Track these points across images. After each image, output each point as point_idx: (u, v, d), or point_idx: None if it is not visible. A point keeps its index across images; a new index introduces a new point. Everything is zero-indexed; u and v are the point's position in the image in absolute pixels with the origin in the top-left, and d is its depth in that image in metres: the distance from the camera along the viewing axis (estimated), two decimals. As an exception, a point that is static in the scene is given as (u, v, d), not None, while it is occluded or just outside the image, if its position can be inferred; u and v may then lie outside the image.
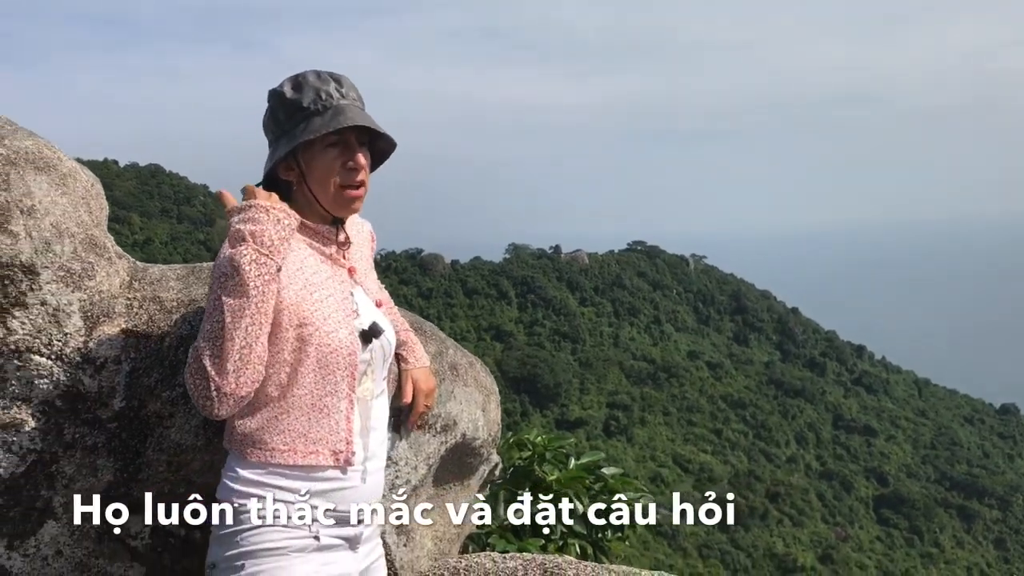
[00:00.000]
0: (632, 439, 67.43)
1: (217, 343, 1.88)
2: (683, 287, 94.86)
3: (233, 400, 1.91)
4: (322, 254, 2.14)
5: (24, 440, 2.24)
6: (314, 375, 2.02)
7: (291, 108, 2.07)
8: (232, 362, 1.88)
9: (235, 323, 1.88)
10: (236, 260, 1.90)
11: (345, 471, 2.05)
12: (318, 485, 2.02)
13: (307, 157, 2.08)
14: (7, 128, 2.34)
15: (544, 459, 3.53)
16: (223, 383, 1.88)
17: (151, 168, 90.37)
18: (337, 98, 2.07)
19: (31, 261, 2.18)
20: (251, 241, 1.91)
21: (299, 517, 1.99)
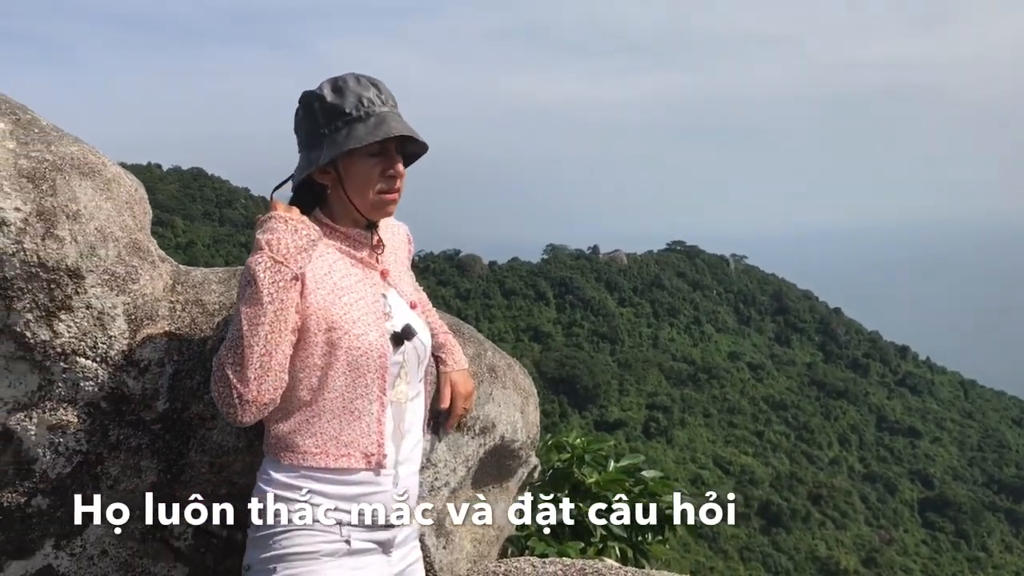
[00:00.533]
0: (672, 441, 67.06)
1: (237, 351, 1.90)
2: (723, 287, 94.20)
3: (256, 407, 1.93)
4: (353, 258, 2.14)
5: (70, 441, 2.28)
6: (345, 378, 2.02)
7: (331, 112, 2.06)
8: (253, 370, 1.90)
9: (253, 331, 1.90)
10: (252, 269, 1.92)
11: (377, 474, 2.05)
12: (350, 489, 2.02)
13: (346, 163, 2.08)
14: (53, 134, 2.37)
15: (583, 461, 3.52)
16: (245, 391, 1.90)
17: (193, 171, 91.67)
18: (379, 105, 2.07)
19: (76, 265, 2.22)
20: (267, 249, 1.93)
21: (330, 520, 2.00)
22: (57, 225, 2.20)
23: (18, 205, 2.15)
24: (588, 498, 3.35)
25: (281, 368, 1.94)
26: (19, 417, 2.25)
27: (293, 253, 1.95)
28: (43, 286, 2.18)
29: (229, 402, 1.92)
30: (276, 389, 1.94)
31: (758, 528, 59.05)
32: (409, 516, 2.16)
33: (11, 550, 2.28)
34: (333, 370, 2.01)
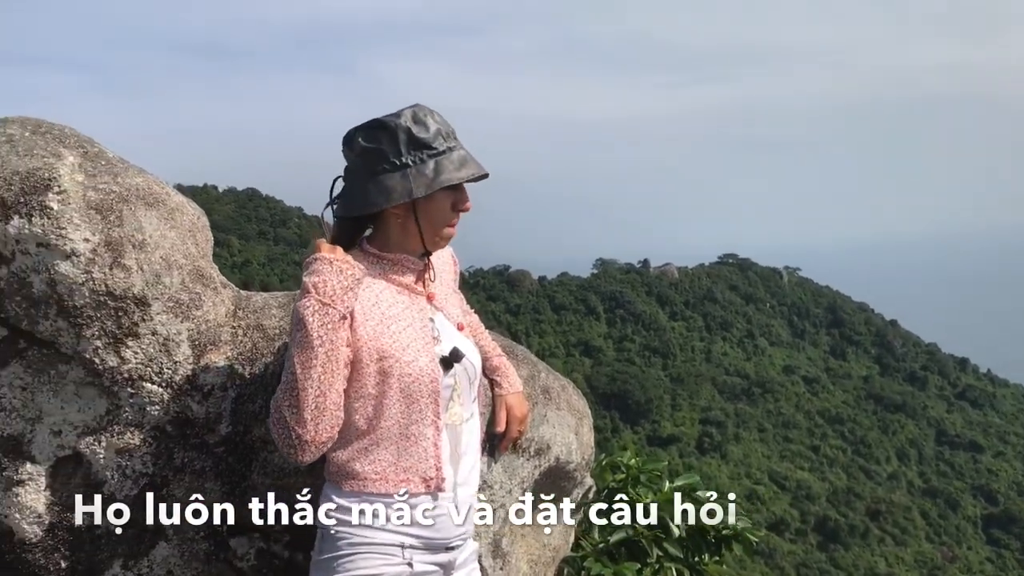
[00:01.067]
0: (726, 456, 66.21)
1: (292, 394, 1.95)
2: (777, 300, 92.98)
3: (315, 447, 1.98)
4: (399, 284, 2.16)
5: (137, 464, 2.34)
6: (399, 405, 2.05)
7: (416, 143, 2.06)
8: (309, 411, 1.94)
9: (306, 374, 1.94)
10: (300, 313, 1.96)
11: (436, 497, 2.08)
12: (410, 512, 2.05)
13: (425, 198, 2.08)
14: (119, 166, 2.45)
15: (638, 482, 3.50)
16: (303, 432, 1.95)
17: (248, 192, 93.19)
18: (454, 142, 2.10)
19: (143, 293, 2.28)
20: (313, 292, 1.96)
21: (392, 544, 2.03)
22: (124, 254, 2.27)
23: (87, 236, 2.23)
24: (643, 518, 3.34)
25: (336, 407, 1.98)
26: (88, 441, 2.32)
27: (339, 294, 1.97)
28: (111, 314, 2.26)
29: (289, 443, 1.97)
30: (333, 427, 1.99)
31: (815, 544, 57.97)
32: (469, 538, 2.19)
33: (82, 570, 2.35)
34: (387, 398, 2.04)
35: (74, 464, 2.35)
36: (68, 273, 2.22)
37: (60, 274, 2.22)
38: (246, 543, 2.41)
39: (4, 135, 2.45)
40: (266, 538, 2.42)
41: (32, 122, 2.53)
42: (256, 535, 2.41)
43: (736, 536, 3.48)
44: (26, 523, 2.31)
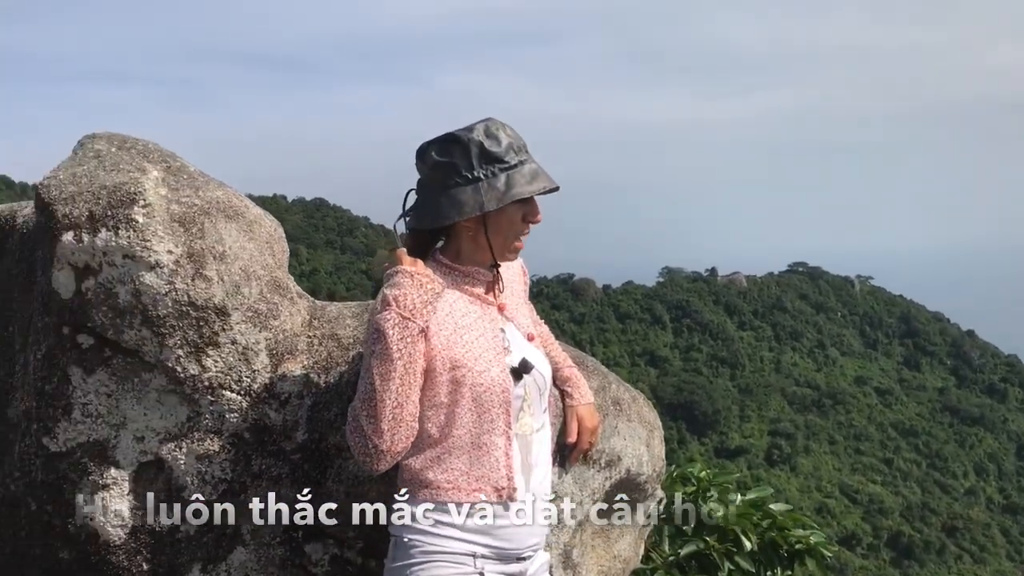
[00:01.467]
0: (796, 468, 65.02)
1: (370, 405, 1.98)
2: (848, 309, 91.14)
3: (390, 456, 2.02)
4: (471, 294, 2.18)
5: (216, 470, 2.40)
6: (471, 414, 2.07)
7: (488, 157, 2.08)
8: (386, 422, 1.98)
9: (384, 386, 1.97)
10: (380, 325, 1.99)
11: (508, 507, 2.09)
12: (482, 522, 2.07)
13: (496, 209, 2.10)
14: (200, 180, 2.52)
15: (709, 494, 3.47)
16: (379, 442, 1.98)
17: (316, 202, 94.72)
18: (526, 156, 2.12)
19: (223, 303, 2.34)
20: (394, 306, 1.99)
21: (464, 553, 2.05)
22: (205, 266, 2.33)
23: (170, 248, 2.30)
24: (714, 532, 3.31)
25: (412, 418, 2.01)
26: (170, 447, 2.39)
27: (419, 307, 2.00)
28: (192, 323, 2.32)
29: (365, 452, 2.00)
30: (408, 438, 2.02)
31: (888, 561, 56.55)
32: (540, 548, 2.19)
33: (163, 572, 2.42)
34: (459, 407, 2.06)
35: (156, 469, 2.42)
36: (152, 284, 2.29)
37: (145, 285, 2.29)
38: (320, 549, 2.44)
39: (92, 150, 2.54)
40: (340, 544, 2.45)
41: (118, 138, 2.62)
42: (331, 541, 2.44)
43: (810, 550, 3.42)
44: (110, 526, 2.39)
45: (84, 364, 2.37)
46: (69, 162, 2.51)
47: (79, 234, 2.30)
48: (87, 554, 2.41)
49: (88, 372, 2.37)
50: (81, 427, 2.39)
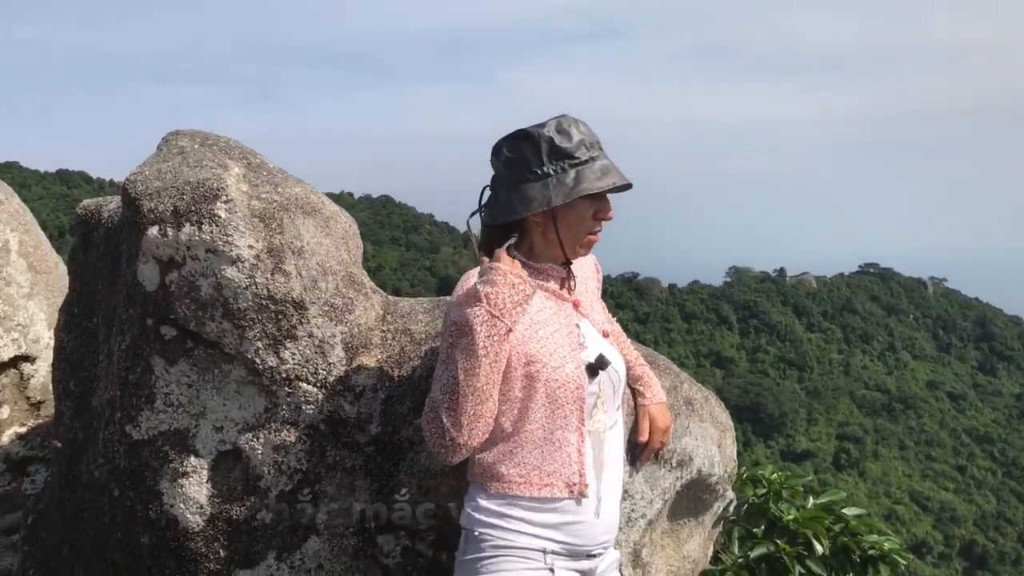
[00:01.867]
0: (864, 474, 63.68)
1: (452, 398, 1.99)
2: (921, 312, 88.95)
3: (466, 450, 2.03)
4: (546, 290, 2.18)
5: (292, 460, 2.45)
6: (544, 410, 2.07)
7: (558, 153, 2.09)
8: (467, 417, 1.98)
9: (468, 382, 1.97)
10: (469, 320, 1.98)
11: (579, 503, 2.08)
12: (553, 517, 2.06)
13: (564, 205, 2.11)
14: (279, 176, 2.57)
15: (780, 497, 3.42)
16: (457, 435, 1.99)
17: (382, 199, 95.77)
18: (596, 150, 2.12)
19: (301, 298, 2.39)
20: (485, 303, 1.98)
21: (535, 548, 2.05)
22: (284, 261, 2.38)
23: (251, 243, 2.35)
24: (785, 535, 3.26)
25: (491, 414, 2.02)
26: (248, 437, 2.44)
27: (509, 308, 1.99)
28: (271, 317, 2.37)
29: (441, 444, 2.01)
30: (484, 433, 2.03)
31: (961, 570, 55.05)
32: (611, 546, 2.19)
33: (239, 560, 2.47)
34: (533, 402, 2.07)
35: (234, 459, 2.47)
36: (233, 278, 2.34)
37: (226, 278, 2.34)
38: (392, 541, 2.47)
39: (176, 147, 2.61)
40: (412, 537, 2.48)
41: (200, 135, 2.69)
42: (402, 533, 2.47)
43: (883, 557, 3.35)
44: (189, 513, 2.45)
45: (167, 355, 2.43)
46: (154, 158, 2.59)
47: (164, 228, 2.37)
48: (166, 540, 2.48)
49: (170, 363, 2.44)
50: (163, 416, 2.45)
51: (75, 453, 2.79)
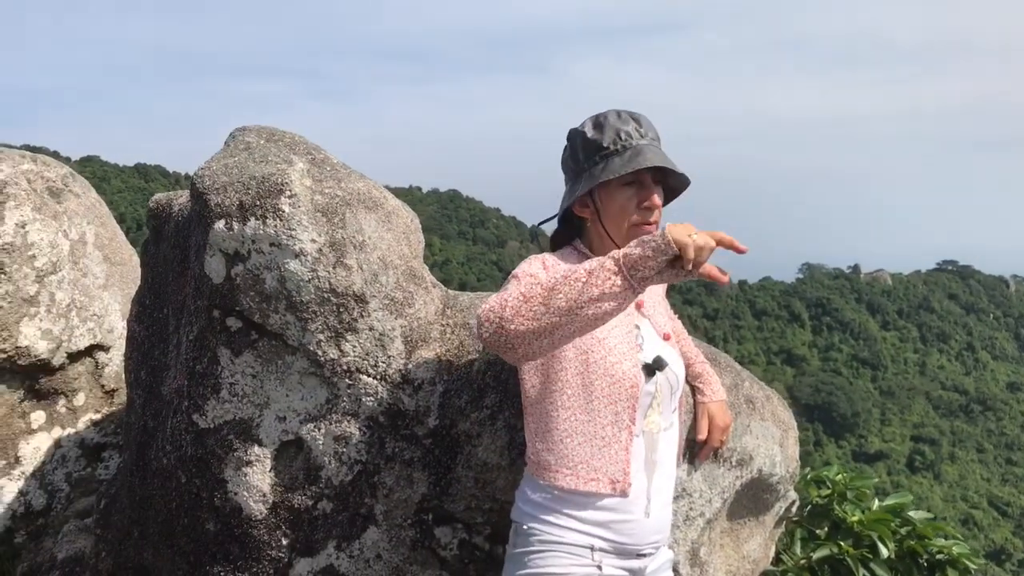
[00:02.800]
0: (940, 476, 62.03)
1: (530, 303, 1.82)
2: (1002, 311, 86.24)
3: (505, 337, 1.83)
4: None
5: (352, 451, 2.48)
6: (598, 404, 2.06)
7: (591, 147, 2.14)
8: (529, 321, 1.82)
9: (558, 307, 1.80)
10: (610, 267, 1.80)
11: (626, 500, 2.07)
12: (600, 515, 2.05)
13: (603, 195, 2.14)
14: (342, 171, 2.61)
15: (845, 498, 3.35)
16: (504, 315, 1.83)
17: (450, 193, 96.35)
18: (636, 138, 2.12)
19: (362, 291, 2.42)
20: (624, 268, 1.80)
21: (583, 544, 2.04)
22: (346, 255, 2.41)
23: (314, 237, 2.39)
24: (849, 537, 3.19)
25: (547, 347, 1.85)
26: (309, 428, 2.48)
27: (643, 271, 1.79)
28: (333, 310, 2.40)
29: (489, 313, 1.85)
30: (529, 344, 1.84)
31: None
32: (662, 546, 2.17)
33: (300, 548, 2.52)
34: (588, 397, 2.06)
35: (296, 448, 2.52)
36: (296, 271, 2.38)
37: (289, 272, 2.39)
38: (450, 533, 2.50)
39: (243, 143, 2.67)
40: (468, 529, 2.50)
41: (266, 131, 2.74)
42: (459, 525, 2.49)
43: (952, 562, 3.26)
44: (252, 501, 2.50)
45: (232, 346, 2.49)
46: (221, 153, 2.64)
47: (230, 222, 2.42)
48: (231, 527, 2.53)
49: (236, 354, 2.49)
50: (228, 406, 2.51)
51: (145, 440, 2.87)
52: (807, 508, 3.37)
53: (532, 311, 1.81)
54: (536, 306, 1.81)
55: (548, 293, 1.81)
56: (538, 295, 1.82)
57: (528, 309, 1.82)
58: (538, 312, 1.81)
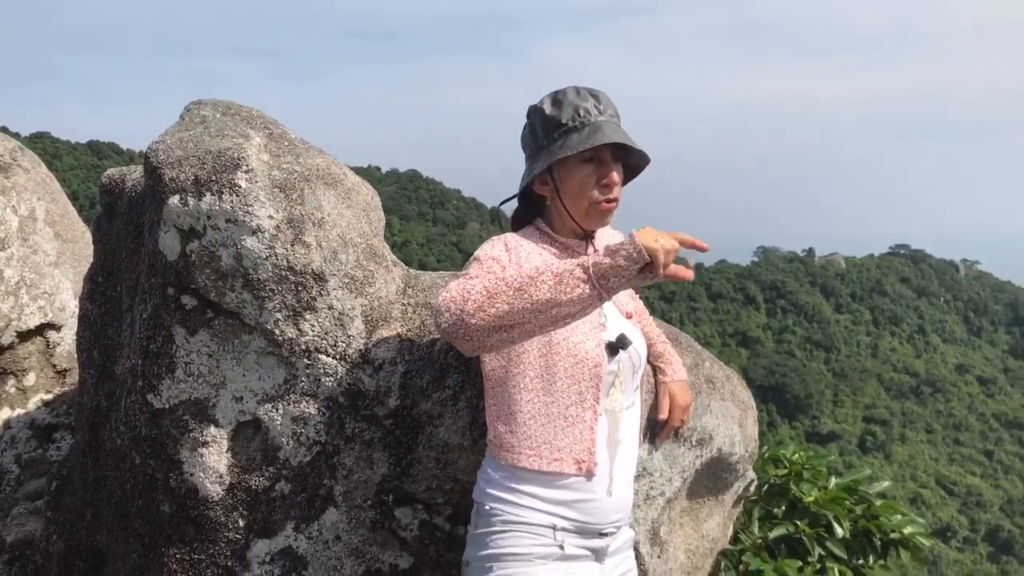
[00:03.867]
0: (890, 457, 63.37)
1: (492, 298, 1.82)
2: (952, 294, 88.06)
3: (464, 330, 1.84)
4: None
5: (311, 432, 2.45)
6: (561, 385, 2.06)
7: (549, 124, 2.12)
8: (486, 317, 1.82)
9: (518, 305, 1.81)
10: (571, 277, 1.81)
11: (589, 480, 2.07)
12: (563, 494, 2.05)
13: (562, 173, 2.12)
14: (301, 147, 2.56)
15: (801, 478, 3.39)
16: (464, 312, 1.83)
17: (410, 173, 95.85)
18: (595, 115, 2.10)
19: (321, 269, 2.38)
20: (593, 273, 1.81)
21: (544, 523, 2.03)
22: (304, 232, 2.37)
23: (271, 213, 2.34)
24: (806, 516, 3.23)
25: (507, 340, 1.87)
26: (267, 408, 2.44)
27: (611, 280, 1.81)
28: (291, 288, 2.36)
29: (449, 303, 1.86)
30: (487, 338, 1.85)
31: (985, 555, 54.74)
32: (624, 525, 2.17)
33: (257, 529, 2.48)
34: (551, 377, 2.05)
35: (253, 429, 2.48)
36: (253, 248, 2.33)
37: (246, 249, 2.34)
38: (410, 514, 2.48)
39: (198, 116, 2.60)
40: (429, 510, 2.48)
41: (223, 104, 2.68)
42: (420, 506, 2.48)
43: (905, 541, 3.32)
44: (209, 482, 2.46)
45: (187, 324, 2.44)
46: (176, 127, 2.58)
47: (185, 198, 2.36)
48: (187, 508, 2.49)
49: (191, 332, 2.44)
50: (183, 385, 2.46)
51: (98, 420, 2.81)
52: (765, 487, 3.41)
53: (495, 308, 1.81)
54: (500, 304, 1.81)
55: (513, 293, 1.81)
56: (503, 292, 1.82)
57: (491, 305, 1.81)
58: (500, 310, 1.81)
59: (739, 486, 2.99)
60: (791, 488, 3.36)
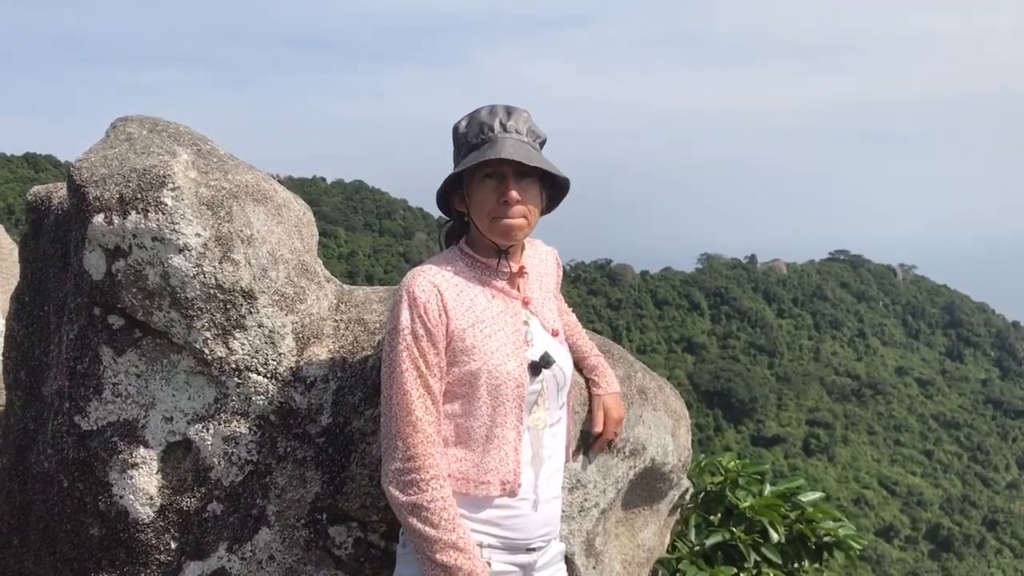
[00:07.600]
0: (834, 458, 64.47)
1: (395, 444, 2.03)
2: (890, 299, 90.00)
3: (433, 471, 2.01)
4: (494, 288, 2.16)
5: (242, 451, 2.42)
6: (486, 407, 2.06)
7: (460, 141, 2.14)
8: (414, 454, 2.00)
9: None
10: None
11: (514, 496, 2.08)
12: (488, 513, 2.06)
13: (471, 189, 2.11)
14: (230, 163, 2.54)
15: (737, 485, 3.44)
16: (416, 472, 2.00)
17: (355, 184, 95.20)
18: (498, 131, 2.08)
19: (250, 287, 2.36)
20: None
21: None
22: (233, 249, 2.35)
23: (199, 231, 2.32)
24: (742, 523, 3.28)
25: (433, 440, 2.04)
26: (197, 428, 2.41)
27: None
28: (220, 306, 2.34)
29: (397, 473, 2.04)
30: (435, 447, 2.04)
31: (926, 553, 55.95)
32: (552, 539, 2.18)
33: (189, 551, 2.45)
34: (475, 400, 2.06)
35: (184, 450, 2.45)
36: (180, 266, 2.31)
37: (173, 267, 2.31)
38: (344, 532, 2.46)
39: (124, 133, 2.57)
40: (364, 527, 2.47)
41: (149, 121, 2.64)
42: (354, 524, 2.46)
43: (838, 543, 3.39)
44: (139, 504, 2.42)
45: (115, 344, 2.40)
46: (101, 144, 2.54)
47: (109, 216, 2.33)
48: (117, 531, 2.45)
49: (119, 352, 2.40)
50: (111, 407, 2.42)
51: (25, 443, 2.74)
52: (701, 495, 3.45)
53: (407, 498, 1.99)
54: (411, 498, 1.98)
55: (418, 510, 1.97)
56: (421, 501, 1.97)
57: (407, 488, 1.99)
58: (406, 504, 1.99)
59: (674, 495, 3.02)
60: (727, 495, 3.41)
